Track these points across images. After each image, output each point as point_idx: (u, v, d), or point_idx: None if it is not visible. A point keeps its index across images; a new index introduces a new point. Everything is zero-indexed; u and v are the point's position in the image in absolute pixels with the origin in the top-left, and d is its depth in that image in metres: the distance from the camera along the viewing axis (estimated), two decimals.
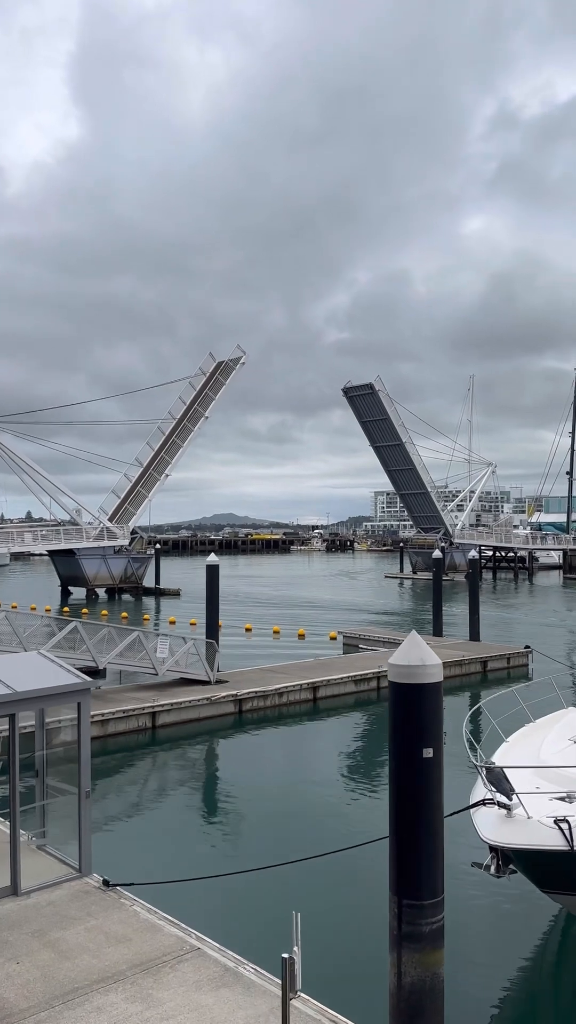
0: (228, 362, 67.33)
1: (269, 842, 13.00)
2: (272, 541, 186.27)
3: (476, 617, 32.23)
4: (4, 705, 9.65)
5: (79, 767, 10.32)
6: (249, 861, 11.55)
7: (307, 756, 18.95)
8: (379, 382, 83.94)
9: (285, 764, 18.14)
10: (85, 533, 59.02)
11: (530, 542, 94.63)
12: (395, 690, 6.06)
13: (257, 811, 14.75)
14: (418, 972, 5.80)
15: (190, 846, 13.03)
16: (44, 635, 23.32)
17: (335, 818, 14.28)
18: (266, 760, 18.37)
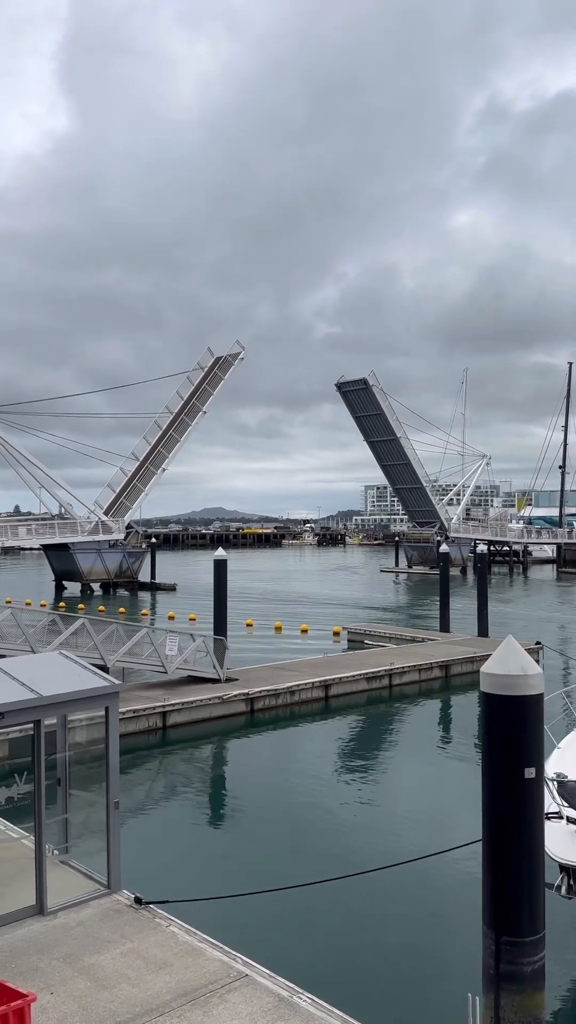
0: (227, 357, 66.90)
1: (305, 854, 12.31)
2: (263, 535, 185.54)
3: (485, 612, 31.71)
4: (29, 711, 8.97)
5: (107, 775, 9.66)
6: (285, 875, 10.93)
7: (328, 758, 18.29)
8: (372, 377, 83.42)
9: (307, 767, 17.47)
10: (80, 527, 58.17)
11: (525, 536, 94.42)
12: (491, 703, 5.43)
13: (285, 819, 14.01)
14: (518, 1017, 5.20)
15: (220, 858, 12.32)
16: (43, 631, 22.56)
17: (373, 829, 13.46)
18: (286, 763, 17.72)
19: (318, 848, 12.48)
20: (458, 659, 26.54)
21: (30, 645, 19.39)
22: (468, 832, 12.50)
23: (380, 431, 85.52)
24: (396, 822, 13.85)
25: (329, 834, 13.16)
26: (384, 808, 14.66)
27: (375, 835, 13.14)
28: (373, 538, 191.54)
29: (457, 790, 15.78)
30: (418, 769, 17.25)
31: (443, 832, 13.05)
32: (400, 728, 20.91)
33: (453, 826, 13.35)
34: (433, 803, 14.98)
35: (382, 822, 13.84)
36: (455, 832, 12.80)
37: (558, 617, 46.64)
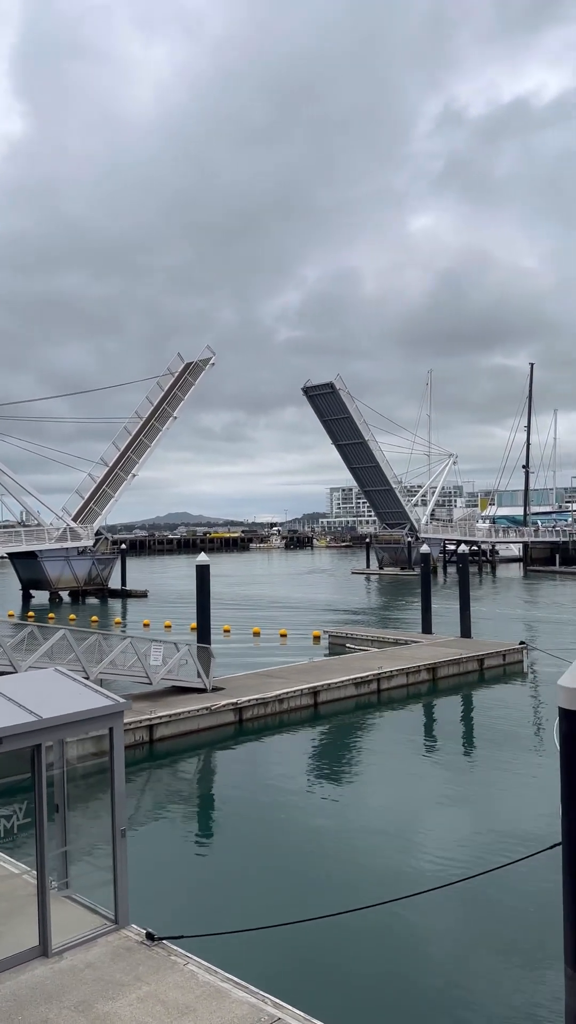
0: (197, 362, 66.64)
1: (323, 878, 11.62)
2: (231, 539, 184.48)
3: (467, 613, 31.44)
4: (29, 735, 8.23)
5: (112, 801, 8.95)
6: (306, 903, 10.30)
7: (328, 771, 17.65)
8: (339, 381, 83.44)
9: (307, 781, 16.79)
10: (47, 534, 56.84)
11: (493, 535, 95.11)
12: (572, 721, 4.89)
13: (295, 840, 13.21)
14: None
15: (230, 885, 11.54)
16: (14, 643, 21.58)
17: (394, 848, 12.56)
18: (285, 776, 17.04)
19: (337, 872, 11.83)
20: (445, 661, 26.17)
21: (9, 660, 18.48)
22: (502, 849, 12.02)
23: (348, 434, 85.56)
24: (419, 840, 13.20)
25: (346, 855, 12.49)
26: (400, 824, 13.89)
27: (398, 856, 12.50)
28: (340, 540, 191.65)
29: (470, 800, 15.31)
30: (422, 778, 16.74)
31: (470, 851, 12.51)
32: (394, 734, 20.40)
33: (480, 844, 12.81)
34: (447, 816, 14.40)
35: (402, 840, 13.22)
36: (484, 852, 12.32)
37: (534, 616, 46.72)
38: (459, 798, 15.39)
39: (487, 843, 12.80)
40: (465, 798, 15.36)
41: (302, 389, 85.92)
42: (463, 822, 13.96)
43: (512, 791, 15.69)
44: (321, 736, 20.61)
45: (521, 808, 14.55)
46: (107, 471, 61.54)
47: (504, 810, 14.54)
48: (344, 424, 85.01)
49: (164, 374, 65.99)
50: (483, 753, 18.52)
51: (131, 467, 61.20)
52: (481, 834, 13.27)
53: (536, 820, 13.48)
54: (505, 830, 13.36)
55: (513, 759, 18.12)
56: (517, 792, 15.62)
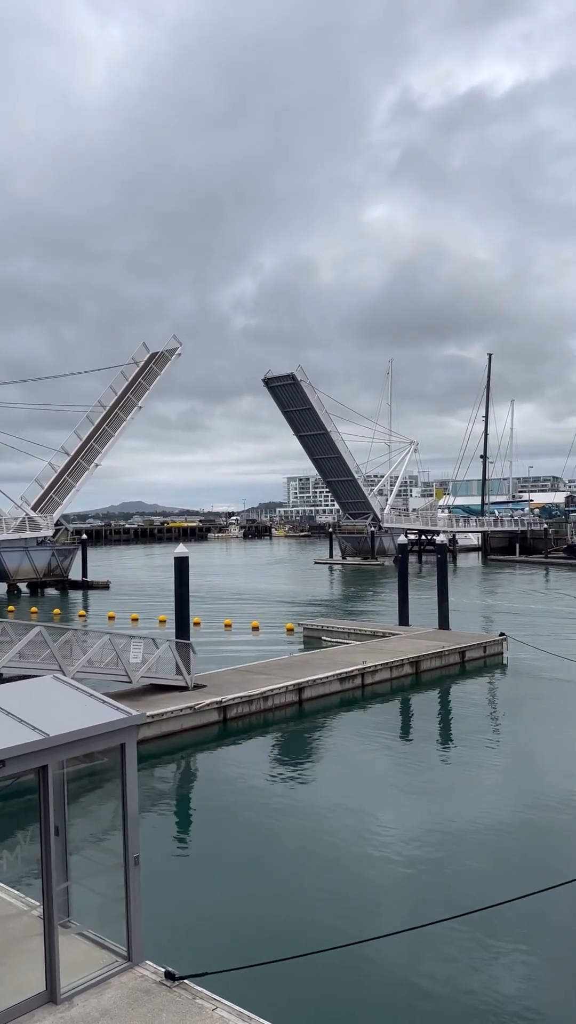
0: (164, 352, 65.44)
1: (338, 899, 10.79)
2: (189, 529, 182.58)
3: (446, 605, 31.03)
4: (34, 756, 7.27)
5: (124, 824, 8.05)
6: (333, 928, 9.52)
7: (328, 773, 16.79)
8: (300, 372, 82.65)
9: (309, 785, 15.90)
10: (5, 524, 54.93)
11: (454, 525, 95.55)
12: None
13: (303, 854, 12.34)
14: None
15: (241, 909, 10.57)
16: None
17: (424, 862, 11.78)
18: (280, 781, 16.21)
19: (352, 889, 11.01)
20: (427, 655, 25.66)
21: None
22: (546, 866, 11.30)
23: (310, 425, 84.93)
24: (448, 855, 12.50)
25: (361, 870, 11.70)
26: (416, 831, 13.11)
27: (421, 872, 11.81)
28: (299, 530, 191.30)
29: (483, 801, 14.71)
30: (425, 779, 16.09)
31: (494, 867, 11.87)
32: (384, 731, 19.76)
33: (519, 858, 12.19)
34: (463, 821, 13.71)
35: (422, 851, 12.54)
36: (529, 867, 11.68)
37: (504, 606, 46.68)
38: (470, 798, 14.78)
39: (514, 855, 12.21)
40: (476, 798, 14.77)
41: (263, 380, 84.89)
42: (482, 829, 13.34)
43: (519, 785, 15.16)
44: (310, 735, 19.88)
45: (534, 807, 14.02)
46: (69, 460, 59.79)
47: (515, 810, 13.98)
48: (306, 415, 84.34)
49: (129, 363, 64.58)
50: (478, 747, 17.98)
51: (94, 456, 59.59)
52: (504, 843, 12.67)
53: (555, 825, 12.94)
54: (527, 840, 12.78)
55: (511, 750, 17.67)
56: (525, 787, 15.10)
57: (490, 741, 18.63)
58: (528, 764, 17.12)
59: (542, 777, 15.95)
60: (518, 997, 8.30)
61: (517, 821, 13.48)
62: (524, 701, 22.88)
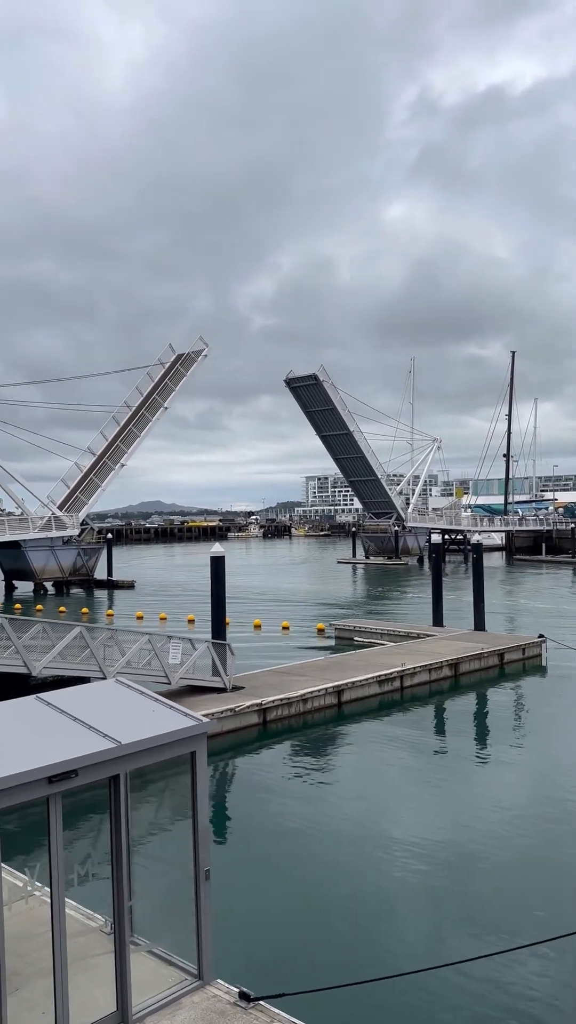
0: (190, 354, 65.66)
1: (416, 917, 10.39)
2: (209, 528, 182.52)
3: (481, 606, 30.49)
4: (107, 765, 6.94)
5: (195, 836, 7.71)
6: (414, 946, 9.11)
7: (376, 780, 16.32)
8: (323, 372, 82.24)
9: (356, 792, 15.48)
10: (32, 523, 54.97)
11: (478, 524, 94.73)
12: None
13: (369, 866, 11.82)
14: None
15: (307, 924, 10.17)
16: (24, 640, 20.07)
17: (492, 881, 11.30)
18: (329, 787, 15.76)
19: (428, 909, 10.58)
20: (466, 657, 25.17)
21: (23, 660, 17.03)
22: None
23: (332, 425, 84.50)
24: (517, 873, 12.07)
25: (434, 888, 11.30)
26: (487, 850, 12.71)
27: (500, 891, 11.39)
28: (319, 529, 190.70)
29: (537, 812, 14.25)
30: (477, 789, 15.66)
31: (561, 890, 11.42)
32: (428, 736, 19.34)
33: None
34: (534, 839, 13.31)
35: (497, 871, 12.10)
36: None
37: (535, 607, 45.97)
38: (527, 810, 14.33)
39: None
40: (529, 808, 14.31)
41: (285, 381, 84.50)
42: (546, 843, 12.89)
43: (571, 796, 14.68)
44: (352, 739, 19.46)
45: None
46: (95, 460, 59.88)
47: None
48: (328, 415, 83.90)
49: (155, 364, 64.81)
50: (526, 753, 17.52)
51: (120, 456, 59.67)
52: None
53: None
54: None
55: (559, 758, 17.18)
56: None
57: (537, 747, 18.16)
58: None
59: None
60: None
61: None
62: (568, 706, 22.35)
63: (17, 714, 7.57)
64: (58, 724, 7.35)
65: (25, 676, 21.41)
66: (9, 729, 7.21)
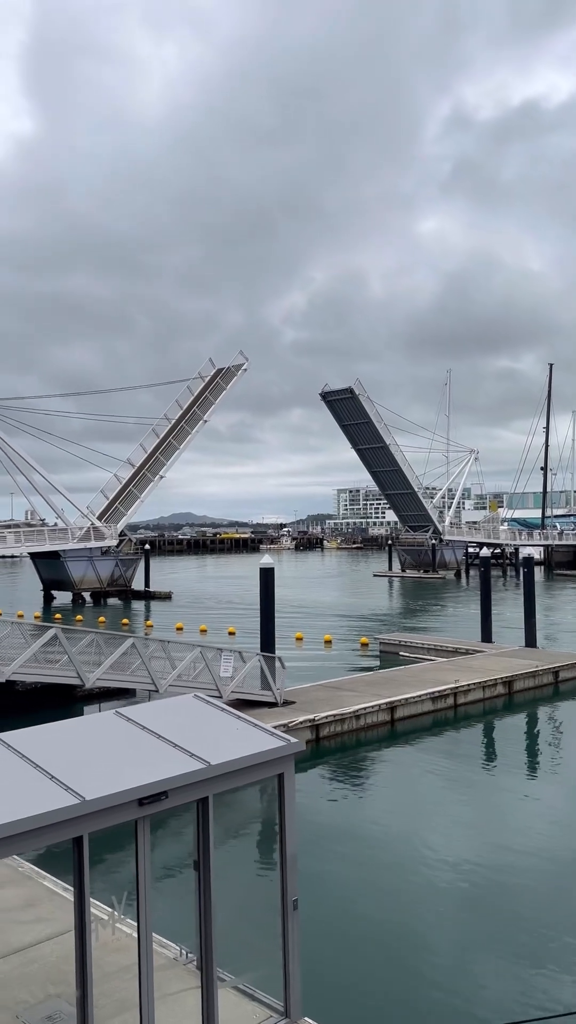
0: (230, 368, 66.08)
1: (507, 956, 9.84)
2: (241, 540, 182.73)
3: (532, 621, 29.69)
4: (197, 787, 6.54)
5: (283, 863, 7.27)
6: (517, 993, 8.54)
7: (437, 802, 15.76)
8: (358, 386, 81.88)
9: (424, 814, 14.97)
10: (71, 534, 55.18)
11: (516, 538, 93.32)
12: None
13: (451, 895, 11.29)
14: None
15: (400, 957, 9.66)
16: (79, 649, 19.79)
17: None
18: (393, 809, 15.25)
19: (540, 944, 10.03)
20: (520, 674, 24.45)
21: (77, 672, 16.77)
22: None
23: (368, 439, 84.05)
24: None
25: (536, 916, 10.76)
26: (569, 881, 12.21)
27: None
28: (351, 542, 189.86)
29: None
30: (546, 814, 15.01)
31: None
32: (487, 757, 18.72)
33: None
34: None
35: None
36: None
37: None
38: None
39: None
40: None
41: (320, 394, 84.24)
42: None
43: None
44: (408, 758, 18.87)
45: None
46: (134, 471, 60.23)
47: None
48: (364, 429, 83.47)
49: (195, 377, 65.52)
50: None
51: (159, 468, 59.99)
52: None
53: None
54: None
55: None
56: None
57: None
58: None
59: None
60: None
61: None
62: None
63: (99, 731, 7.23)
64: (143, 742, 6.99)
65: (72, 687, 21.25)
66: (93, 747, 6.87)
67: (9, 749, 6.63)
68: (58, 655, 17.31)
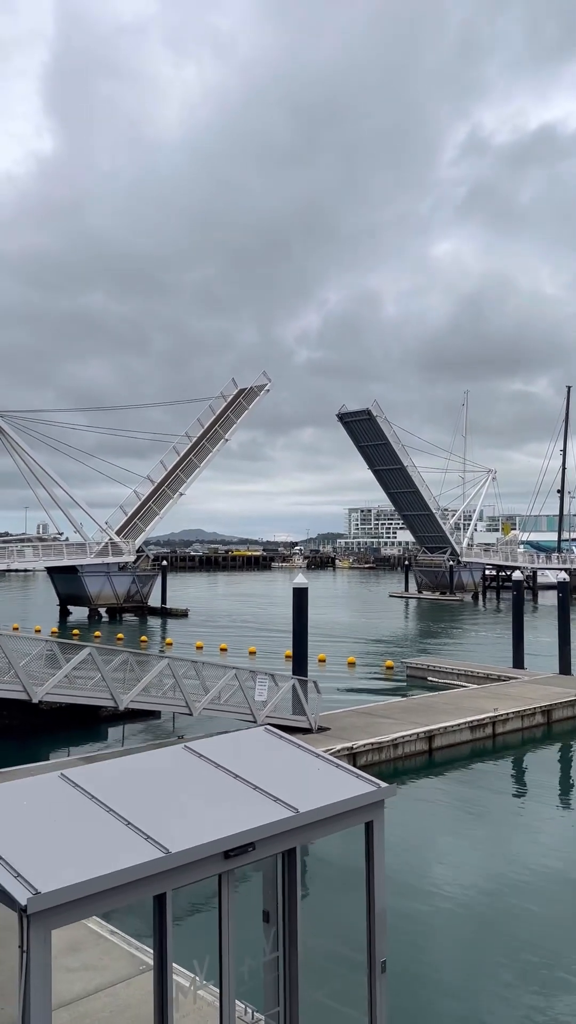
0: (253, 388, 66.02)
1: None
2: (253, 558, 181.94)
3: (567, 648, 28.86)
4: (284, 837, 5.88)
5: (371, 922, 6.57)
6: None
7: (489, 839, 15.07)
8: (376, 407, 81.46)
9: (478, 852, 14.23)
10: (88, 548, 54.71)
11: (534, 561, 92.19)
12: None
13: (529, 942, 10.74)
14: None
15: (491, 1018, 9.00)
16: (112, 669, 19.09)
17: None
18: (448, 846, 14.50)
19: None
20: (560, 703, 23.61)
21: (111, 694, 16.09)
22: None
23: (386, 460, 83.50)
24: None
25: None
26: None
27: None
28: (364, 561, 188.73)
29: None
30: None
31: None
32: (529, 788, 17.90)
33: None
34: None
35: None
36: None
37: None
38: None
39: None
40: None
41: (337, 415, 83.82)
42: None
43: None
44: (448, 789, 18.08)
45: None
46: (154, 488, 59.99)
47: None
48: (382, 450, 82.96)
49: (216, 397, 65.69)
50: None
51: (178, 485, 59.80)
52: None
53: None
54: None
55: None
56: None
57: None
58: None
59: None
60: None
61: None
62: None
63: (170, 768, 6.58)
64: (220, 783, 6.34)
65: (97, 707, 20.59)
66: (167, 788, 6.22)
67: (77, 789, 6.00)
68: (90, 674, 16.66)
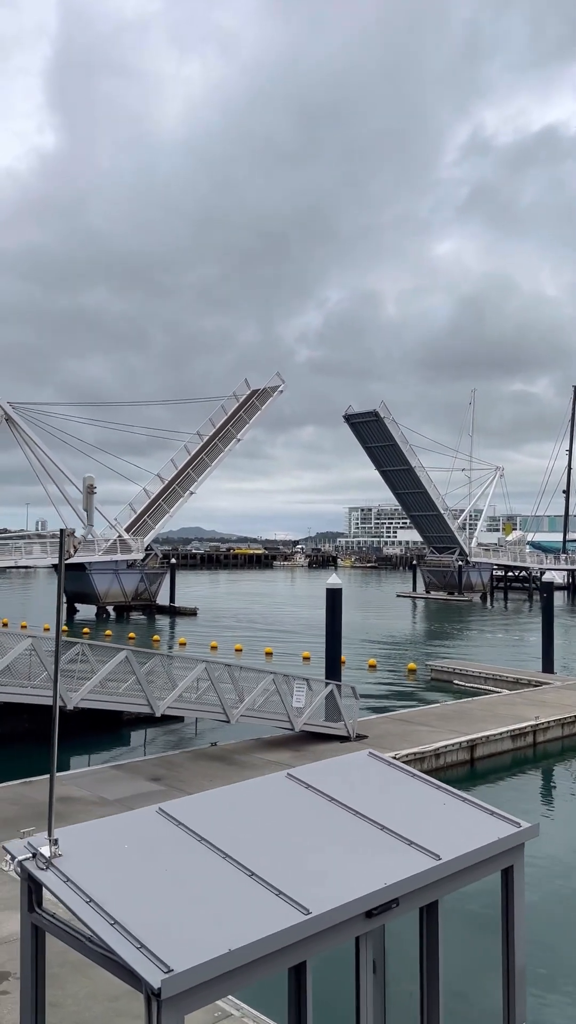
0: (266, 389, 65.74)
1: None
2: (254, 556, 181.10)
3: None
4: (426, 889, 5.03)
5: (508, 980, 5.72)
6: None
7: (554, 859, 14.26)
8: (383, 408, 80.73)
9: None
10: (97, 546, 53.84)
11: (543, 561, 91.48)
12: None
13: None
14: None
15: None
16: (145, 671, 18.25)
17: None
18: None
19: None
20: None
21: (147, 700, 15.21)
22: None
23: (393, 461, 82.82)
24: None
25: None
26: None
27: None
28: (366, 560, 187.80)
29: None
30: None
31: None
32: None
33: None
34: None
35: None
36: None
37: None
38: None
39: None
40: None
41: (344, 416, 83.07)
42: None
43: None
44: (495, 800, 17.24)
45: None
46: (164, 486, 59.31)
47: None
48: (389, 451, 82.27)
49: (228, 397, 65.08)
50: None
51: (189, 484, 59.22)
52: None
53: None
54: None
55: None
56: None
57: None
58: None
59: None
60: None
61: None
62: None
63: (282, 805, 5.71)
64: (344, 823, 5.49)
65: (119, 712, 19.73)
66: (285, 830, 5.36)
67: (182, 828, 5.12)
68: (122, 677, 15.78)
